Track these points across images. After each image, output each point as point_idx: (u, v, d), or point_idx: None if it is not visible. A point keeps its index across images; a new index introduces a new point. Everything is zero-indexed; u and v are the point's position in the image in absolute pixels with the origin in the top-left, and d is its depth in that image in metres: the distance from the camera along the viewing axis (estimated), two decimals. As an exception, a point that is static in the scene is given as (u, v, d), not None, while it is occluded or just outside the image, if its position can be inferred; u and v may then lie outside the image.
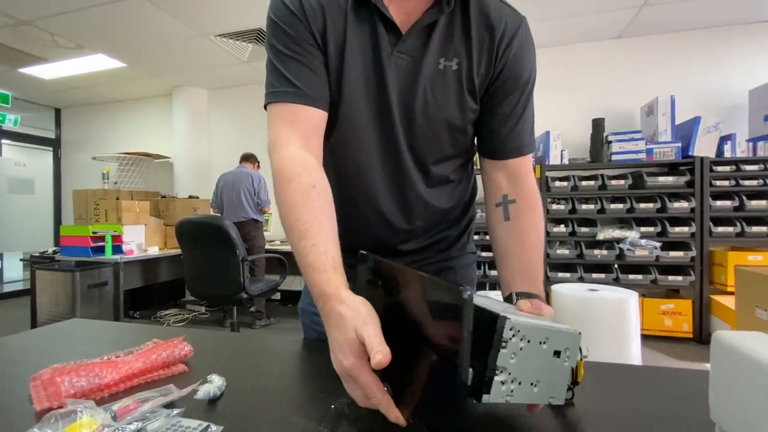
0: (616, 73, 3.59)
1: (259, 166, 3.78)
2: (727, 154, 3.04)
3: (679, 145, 3.10)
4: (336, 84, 0.61)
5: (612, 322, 2.13)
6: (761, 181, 2.91)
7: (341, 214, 0.69)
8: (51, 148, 5.60)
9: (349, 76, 0.60)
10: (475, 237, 2.27)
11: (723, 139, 3.08)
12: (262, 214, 3.64)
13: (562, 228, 3.21)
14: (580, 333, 0.43)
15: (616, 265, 3.12)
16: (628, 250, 3.06)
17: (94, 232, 3.08)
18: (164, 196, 4.29)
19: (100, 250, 3.10)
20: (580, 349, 0.45)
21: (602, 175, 3.20)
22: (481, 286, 3.32)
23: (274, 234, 4.42)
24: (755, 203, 2.90)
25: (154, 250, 3.50)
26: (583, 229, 3.19)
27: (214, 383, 0.52)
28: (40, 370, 0.54)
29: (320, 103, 0.60)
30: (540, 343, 0.40)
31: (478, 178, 0.74)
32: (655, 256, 3.02)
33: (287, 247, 3.78)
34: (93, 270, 2.94)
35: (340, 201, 0.69)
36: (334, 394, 0.51)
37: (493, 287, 3.29)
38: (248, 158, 3.71)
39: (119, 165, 4.88)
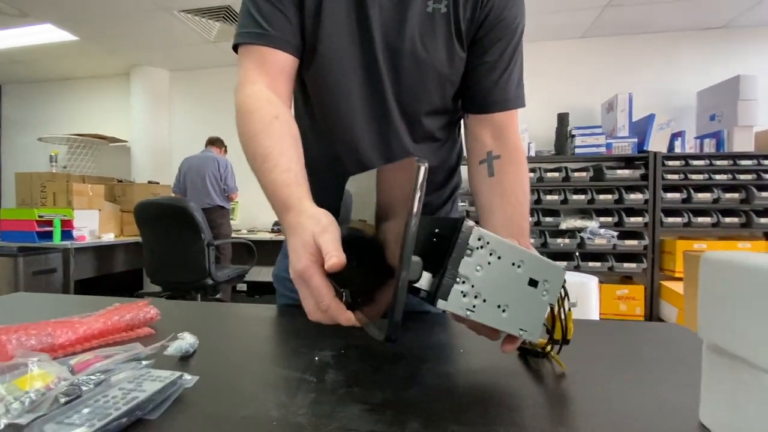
0: (579, 70, 3.75)
1: (226, 151, 3.64)
2: (678, 149, 3.25)
3: (636, 140, 3.28)
4: (314, 25, 0.59)
5: (574, 305, 2.23)
6: (707, 176, 3.14)
7: (321, 168, 0.67)
8: (-11, 128, 5.11)
9: (327, 14, 0.58)
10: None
11: (674, 136, 3.29)
12: (229, 202, 3.51)
13: (527, 218, 3.31)
14: (565, 268, 0.41)
15: (577, 253, 3.26)
16: (589, 239, 3.21)
17: (40, 216, 2.85)
18: (120, 181, 4.03)
19: (48, 235, 2.87)
20: (567, 295, 0.43)
21: (566, 168, 3.33)
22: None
23: (240, 223, 4.27)
24: (701, 196, 3.12)
25: (109, 237, 3.28)
26: (548, 219, 3.31)
27: (186, 340, 0.48)
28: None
29: (289, 47, 0.58)
30: (513, 264, 0.39)
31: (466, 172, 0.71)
32: (613, 245, 3.19)
33: (255, 236, 3.66)
34: (39, 256, 2.71)
35: (321, 154, 0.66)
36: (318, 348, 0.49)
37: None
38: (214, 142, 3.56)
39: (69, 147, 4.54)
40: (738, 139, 3.09)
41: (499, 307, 0.39)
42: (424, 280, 0.37)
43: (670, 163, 3.18)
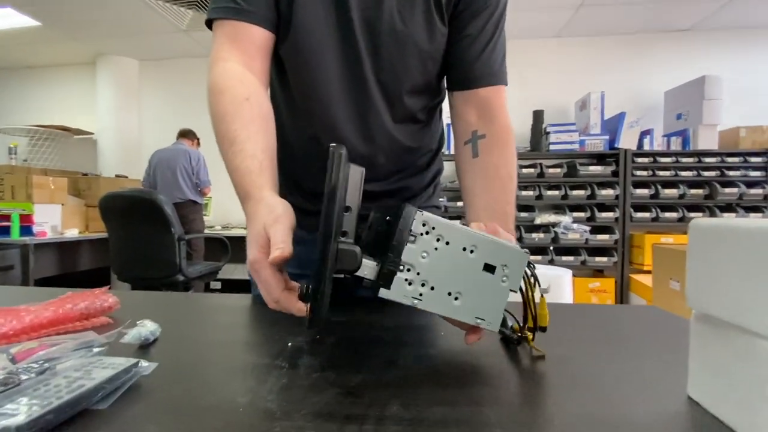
0: (554, 69, 3.83)
1: (198, 144, 3.51)
2: (646, 147, 3.37)
3: (607, 137, 3.37)
4: None
5: (549, 297, 2.27)
6: (673, 172, 3.26)
7: (300, 150, 0.64)
8: (-61, 118, 4.76)
9: None
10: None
11: (643, 134, 3.40)
12: (202, 197, 3.39)
13: (504, 213, 3.36)
14: (526, 251, 0.38)
15: (551, 248, 3.33)
16: (562, 233, 3.28)
17: (-4, 211, 2.67)
18: (86, 175, 3.84)
19: (5, 230, 2.69)
20: (538, 282, 0.41)
21: (541, 164, 3.39)
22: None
23: (214, 219, 4.14)
24: (668, 191, 3.24)
25: (72, 233, 3.11)
26: (523, 214, 3.36)
27: (147, 327, 0.44)
28: None
29: (263, 21, 0.56)
30: (465, 249, 0.37)
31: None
32: (585, 239, 3.27)
33: (229, 232, 3.56)
34: (-6, 253, 2.54)
35: (299, 136, 0.64)
36: (291, 334, 0.46)
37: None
38: (186, 134, 3.42)
39: (30, 139, 4.29)
40: (703, 137, 3.22)
41: (450, 294, 0.37)
42: (367, 269, 0.36)
43: (640, 160, 3.29)
